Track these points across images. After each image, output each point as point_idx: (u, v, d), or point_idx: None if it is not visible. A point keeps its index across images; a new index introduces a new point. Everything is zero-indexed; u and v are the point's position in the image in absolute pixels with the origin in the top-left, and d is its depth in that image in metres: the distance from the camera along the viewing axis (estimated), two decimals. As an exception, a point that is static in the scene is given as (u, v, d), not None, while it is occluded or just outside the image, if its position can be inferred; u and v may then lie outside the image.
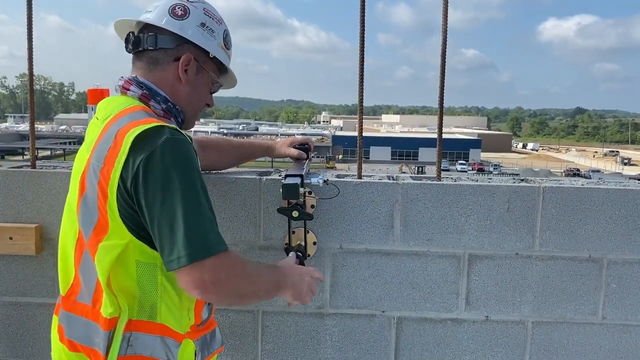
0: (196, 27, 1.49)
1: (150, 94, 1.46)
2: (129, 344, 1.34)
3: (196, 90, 1.54)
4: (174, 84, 1.49)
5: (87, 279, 1.38)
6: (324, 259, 2.06)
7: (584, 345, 2.10)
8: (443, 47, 2.06)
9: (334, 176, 2.13)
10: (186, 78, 1.49)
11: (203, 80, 1.55)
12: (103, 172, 1.30)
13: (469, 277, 2.06)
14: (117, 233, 1.31)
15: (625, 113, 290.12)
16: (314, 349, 2.12)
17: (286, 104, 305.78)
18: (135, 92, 1.45)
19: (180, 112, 1.52)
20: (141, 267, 1.34)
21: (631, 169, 63.39)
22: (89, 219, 1.34)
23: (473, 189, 2.02)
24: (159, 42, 1.46)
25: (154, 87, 1.47)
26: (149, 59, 1.48)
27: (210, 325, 1.55)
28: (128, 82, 1.47)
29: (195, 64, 1.50)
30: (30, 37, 2.09)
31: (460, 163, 59.33)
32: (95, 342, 1.35)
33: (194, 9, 1.50)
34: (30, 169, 2.13)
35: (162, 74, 1.48)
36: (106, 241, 1.31)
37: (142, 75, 1.48)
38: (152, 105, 1.45)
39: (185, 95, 1.51)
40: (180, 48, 1.48)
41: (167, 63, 1.48)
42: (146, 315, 1.36)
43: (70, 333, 1.41)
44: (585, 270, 2.05)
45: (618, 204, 2.01)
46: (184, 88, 1.50)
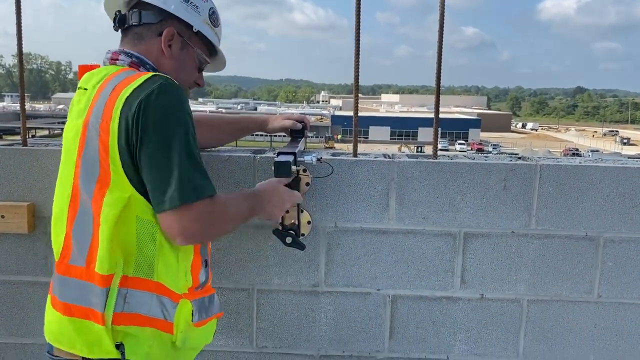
0: (180, 2, 1.49)
1: (139, 61, 1.47)
2: (125, 301, 1.35)
3: (182, 66, 1.54)
4: (158, 57, 1.49)
5: (80, 240, 1.38)
6: (319, 238, 2.05)
7: (579, 323, 2.10)
8: (440, 23, 2.01)
9: (330, 154, 2.11)
10: (170, 52, 1.49)
11: (189, 56, 1.55)
12: (102, 127, 1.31)
13: (464, 255, 2.05)
14: (120, 186, 1.32)
15: (626, 92, 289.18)
16: (309, 327, 2.12)
17: (285, 83, 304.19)
18: (124, 60, 1.46)
19: None
20: (141, 224, 1.35)
21: (630, 148, 63.39)
22: (91, 175, 1.35)
23: (469, 166, 2.00)
24: (143, 17, 1.47)
25: (141, 55, 1.48)
26: (133, 34, 1.50)
27: (208, 290, 1.56)
28: (116, 54, 1.48)
29: (179, 39, 1.50)
30: (19, 14, 2.04)
31: (459, 143, 59.24)
32: (92, 301, 1.35)
33: None
34: (21, 146, 2.11)
35: (146, 48, 1.49)
36: (109, 194, 1.32)
37: (128, 48, 1.49)
38: (141, 70, 1.45)
39: (170, 68, 1.50)
40: (164, 23, 1.48)
41: (151, 38, 1.49)
42: (143, 273, 1.37)
43: (64, 296, 1.41)
44: (582, 248, 2.04)
45: (615, 182, 1.99)
46: (168, 62, 1.50)
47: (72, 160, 1.41)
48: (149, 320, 1.37)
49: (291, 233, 1.77)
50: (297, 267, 2.08)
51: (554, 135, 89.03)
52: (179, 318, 1.41)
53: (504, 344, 2.11)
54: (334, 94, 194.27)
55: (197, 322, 1.47)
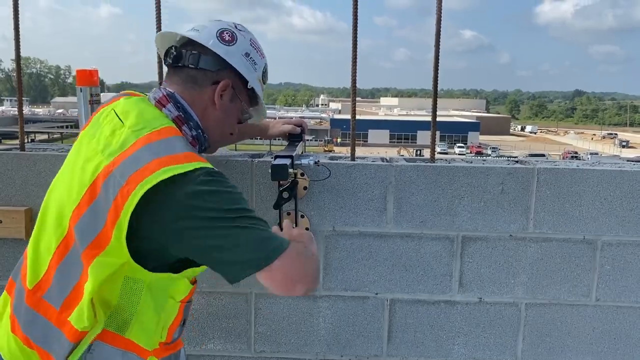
0: (241, 55, 1.48)
1: (185, 117, 1.43)
2: (89, 351, 1.29)
3: (226, 117, 1.53)
4: (207, 107, 1.47)
5: (62, 283, 1.31)
6: (317, 242, 2.04)
7: (577, 326, 2.10)
8: (437, 28, 2.02)
9: (328, 158, 2.12)
10: (220, 103, 1.48)
11: (235, 109, 1.54)
12: (123, 191, 1.21)
13: (462, 259, 2.05)
14: (117, 252, 1.24)
15: (624, 95, 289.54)
16: (308, 331, 2.12)
17: (284, 87, 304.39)
18: (172, 112, 1.42)
19: (205, 140, 1.49)
20: (127, 283, 1.30)
21: (629, 151, 63.42)
22: (90, 230, 1.25)
23: (467, 170, 2.00)
24: (202, 62, 1.45)
25: (189, 109, 1.44)
26: (187, 76, 1.46)
27: (177, 345, 1.50)
28: (165, 99, 1.43)
29: (231, 91, 1.49)
30: (17, 21, 2.05)
31: (458, 146, 59.27)
32: (53, 348, 1.29)
33: (241, 37, 1.50)
34: (19, 151, 2.11)
35: (197, 95, 1.46)
36: (103, 257, 1.24)
37: (178, 91, 1.45)
38: (184, 129, 1.42)
39: (214, 120, 1.50)
40: (221, 72, 1.47)
41: (206, 85, 1.46)
42: (114, 327, 1.32)
43: (27, 330, 1.34)
44: (579, 251, 2.04)
45: (613, 186, 1.99)
46: (216, 113, 1.49)
47: (78, 196, 1.29)
48: None
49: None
50: (295, 271, 2.07)
51: (553, 138, 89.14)
52: None
53: (502, 348, 2.11)
54: (334, 97, 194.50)
55: None
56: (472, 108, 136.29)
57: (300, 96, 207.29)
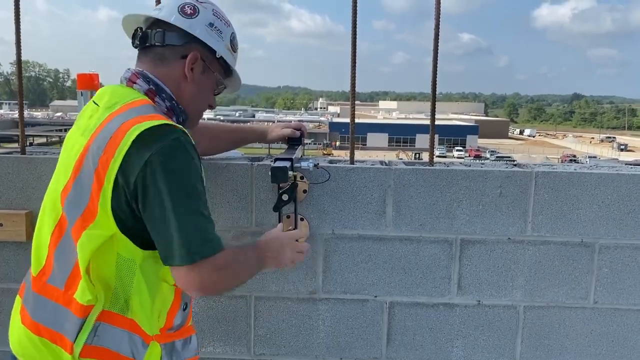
0: (204, 26, 1.48)
1: (157, 89, 1.45)
2: (96, 334, 1.32)
3: (201, 90, 1.53)
4: (179, 82, 1.48)
5: (62, 263, 1.36)
6: (317, 244, 2.05)
7: (575, 329, 2.11)
8: (436, 32, 2.03)
9: (327, 161, 2.13)
10: (192, 76, 1.48)
11: (208, 81, 1.54)
12: (102, 160, 1.28)
13: (461, 262, 2.06)
14: (104, 223, 1.29)
15: (622, 99, 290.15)
16: (307, 334, 2.13)
17: (283, 90, 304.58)
18: (142, 86, 1.44)
19: (182, 112, 1.50)
20: (121, 261, 1.33)
21: (628, 154, 63.52)
22: (77, 204, 1.32)
23: (465, 174, 2.01)
24: (167, 38, 1.45)
25: (160, 83, 1.46)
26: (155, 54, 1.47)
27: (184, 332, 1.51)
28: (135, 75, 1.45)
29: (201, 63, 1.49)
30: (18, 25, 2.06)
31: (457, 149, 59.32)
32: (64, 327, 1.33)
33: (203, 9, 1.50)
34: (19, 154, 2.12)
35: (168, 71, 1.47)
36: (91, 229, 1.30)
37: (148, 70, 1.47)
38: (157, 101, 1.44)
39: (189, 93, 1.50)
40: (188, 46, 1.47)
41: (174, 60, 1.47)
42: (118, 308, 1.35)
43: (36, 315, 1.39)
44: (577, 254, 2.05)
45: (610, 189, 2.01)
46: (189, 86, 1.49)
47: (65, 178, 1.38)
48: (117, 357, 1.34)
49: None
50: (295, 274, 2.08)
51: (552, 142, 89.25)
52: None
53: (501, 350, 2.12)
54: (332, 100, 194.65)
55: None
56: (470, 111, 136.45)
57: (299, 99, 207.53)
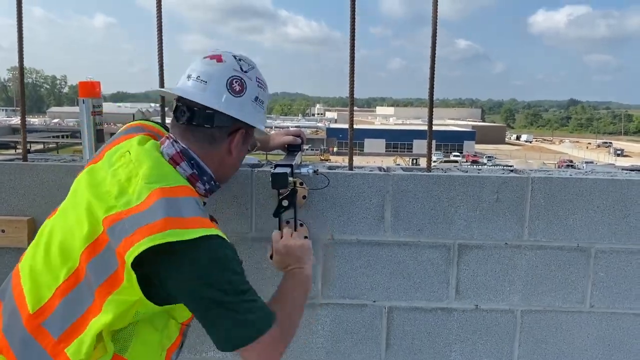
0: (251, 102, 1.46)
1: (199, 173, 1.43)
2: None
3: (240, 158, 1.54)
4: (223, 158, 1.48)
5: (66, 313, 1.28)
6: (316, 250, 2.07)
7: (572, 333, 2.13)
8: (433, 39, 2.06)
9: (326, 167, 2.15)
10: (236, 151, 1.49)
11: (245, 147, 1.54)
12: (127, 240, 1.22)
13: (458, 266, 2.08)
14: (129, 291, 1.25)
15: (619, 104, 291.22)
16: (307, 339, 2.14)
17: (280, 97, 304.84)
18: (186, 171, 1.42)
19: (217, 187, 1.51)
20: (137, 315, 1.31)
21: (624, 159, 63.73)
22: (104, 269, 1.26)
23: (462, 179, 2.04)
24: (216, 120, 1.41)
25: (204, 165, 1.44)
26: (205, 135, 1.43)
27: None
28: (179, 156, 1.41)
29: (243, 135, 1.49)
30: (21, 31, 2.08)
31: (454, 155, 59.47)
32: None
33: (249, 82, 1.46)
34: (21, 161, 2.13)
35: (213, 150, 1.45)
36: (117, 295, 1.25)
37: (193, 149, 1.43)
38: (197, 186, 1.44)
39: (230, 166, 1.52)
40: (236, 124, 1.45)
41: (223, 140, 1.45)
42: (116, 349, 1.31)
43: (20, 355, 1.30)
44: (574, 259, 2.08)
45: (605, 194, 2.03)
46: (231, 160, 1.50)
47: (87, 233, 1.30)
48: None
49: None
50: (294, 279, 2.10)
51: (549, 147, 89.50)
52: None
53: (499, 354, 2.14)
54: (329, 106, 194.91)
55: None
56: (467, 117, 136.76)
57: (296, 105, 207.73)
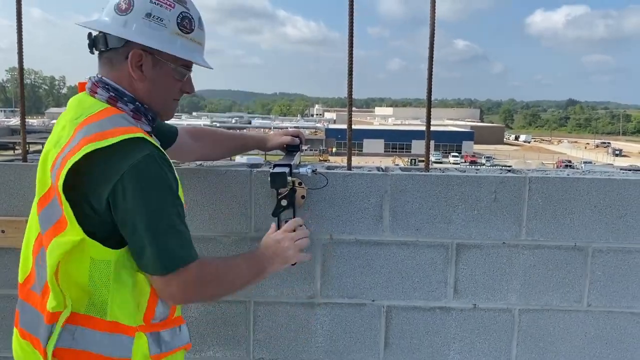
0: (141, 19, 1.38)
1: (117, 95, 1.41)
2: (73, 337, 1.34)
3: (157, 85, 1.46)
4: (131, 82, 1.43)
5: (40, 271, 1.40)
6: (315, 250, 2.08)
7: (569, 332, 2.14)
8: (431, 40, 2.08)
9: (325, 167, 2.16)
10: (141, 75, 1.42)
11: (163, 73, 1.45)
12: (57, 173, 1.30)
13: (457, 266, 2.09)
14: (72, 231, 1.31)
15: (617, 104, 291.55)
16: (306, 338, 2.15)
17: (279, 97, 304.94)
18: (102, 95, 1.41)
19: (148, 110, 1.47)
20: (95, 264, 1.34)
21: (622, 160, 63.80)
22: (50, 217, 1.35)
23: (460, 179, 2.05)
24: (109, 42, 1.40)
25: (119, 87, 1.42)
26: (105, 59, 1.44)
27: (170, 323, 1.50)
28: (95, 85, 1.43)
29: (149, 58, 1.41)
30: (20, 32, 2.09)
31: (453, 155, 59.50)
32: (39, 332, 1.37)
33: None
34: (21, 162, 2.14)
35: (119, 74, 1.43)
36: (60, 237, 1.31)
37: (104, 75, 1.44)
38: (119, 106, 1.41)
39: (145, 91, 1.44)
40: (129, 44, 1.40)
41: (121, 62, 1.42)
42: (95, 312, 1.36)
43: (22, 321, 1.45)
44: (571, 258, 2.09)
45: (602, 194, 2.05)
46: (141, 84, 1.43)
47: (41, 191, 1.40)
48: (99, 359, 1.36)
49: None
50: (294, 279, 2.11)
51: (547, 147, 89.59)
52: (137, 352, 1.39)
53: (497, 353, 2.15)
54: (328, 107, 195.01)
55: (155, 355, 1.42)
56: (466, 117, 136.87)
57: (295, 106, 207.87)
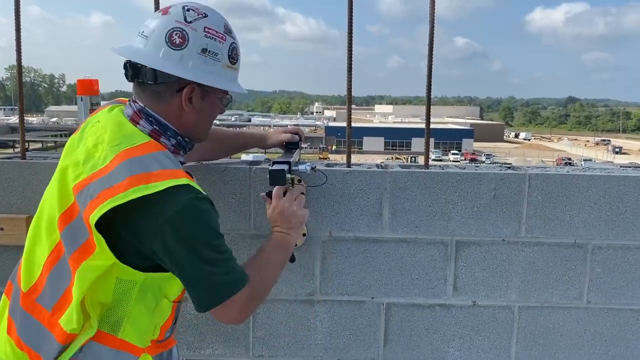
0: (197, 55, 1.35)
1: (160, 129, 1.40)
2: (81, 350, 1.32)
3: (203, 116, 1.46)
4: (180, 115, 1.41)
5: (54, 286, 1.34)
6: (314, 247, 2.08)
7: (569, 329, 2.14)
8: (430, 37, 2.07)
9: (324, 165, 2.16)
10: (191, 108, 1.41)
11: (210, 103, 1.46)
12: (91, 204, 1.24)
13: (456, 263, 2.09)
14: (103, 255, 1.27)
15: (617, 102, 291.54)
16: (305, 335, 2.15)
17: (279, 95, 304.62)
18: (145, 127, 1.39)
19: (189, 142, 1.48)
20: (120, 284, 1.33)
21: (622, 157, 63.78)
22: (75, 236, 1.30)
23: (460, 176, 2.05)
24: (159, 77, 1.35)
25: (163, 120, 1.40)
26: (152, 92, 1.39)
27: (168, 344, 1.53)
28: (137, 115, 1.40)
29: (199, 90, 1.40)
30: (18, 29, 2.09)
31: (452, 153, 59.44)
32: (43, 349, 1.33)
33: (192, 32, 1.35)
34: (20, 159, 2.14)
35: (167, 107, 1.40)
36: (90, 261, 1.27)
37: (149, 106, 1.40)
38: (162, 141, 1.39)
39: (192, 123, 1.44)
40: (182, 79, 1.36)
41: (171, 96, 1.39)
42: (107, 328, 1.35)
43: (21, 332, 1.38)
44: (571, 255, 2.09)
45: (602, 190, 2.04)
46: (190, 117, 1.42)
47: (65, 204, 1.34)
48: None
49: None
50: (293, 276, 2.11)
51: (547, 145, 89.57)
52: None
53: (497, 350, 2.15)
54: (328, 104, 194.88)
55: None
56: (466, 115, 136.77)
57: (295, 104, 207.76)
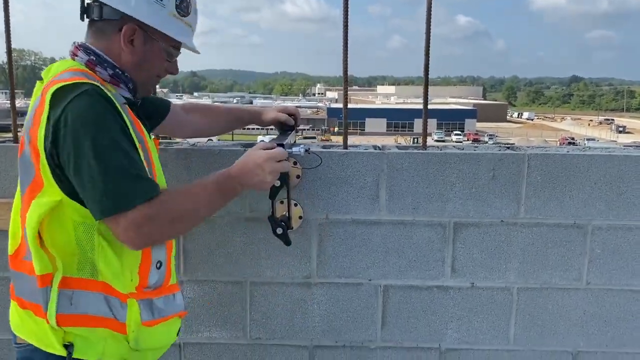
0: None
1: (97, 60, 1.42)
2: (71, 303, 1.35)
3: (145, 60, 1.47)
4: (119, 54, 1.44)
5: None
6: (311, 230, 2.06)
7: (568, 310, 2.12)
8: (427, 17, 2.02)
9: (321, 147, 2.13)
10: (131, 49, 1.43)
11: (153, 51, 1.47)
12: (31, 131, 1.32)
13: (454, 244, 2.07)
14: (50, 191, 1.31)
15: (621, 81, 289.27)
16: (302, 318, 2.14)
17: (280, 76, 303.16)
18: (82, 57, 1.42)
19: (129, 80, 1.46)
20: (78, 227, 1.34)
21: (626, 136, 63.47)
22: (26, 177, 1.36)
23: (458, 157, 2.02)
24: (104, 13, 1.41)
25: (102, 53, 1.43)
26: (96, 29, 1.45)
27: (164, 291, 1.50)
28: (77, 48, 1.44)
29: (141, 33, 1.43)
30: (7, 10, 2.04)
31: (455, 133, 59.23)
32: (38, 298, 1.37)
33: None
34: (13, 144, 2.11)
35: (108, 44, 1.44)
36: (39, 198, 1.32)
37: (91, 43, 1.45)
38: (97, 71, 1.41)
39: (132, 64, 1.45)
40: (125, 19, 1.41)
41: (113, 33, 1.43)
42: (87, 274, 1.36)
43: (18, 290, 1.44)
44: (570, 236, 2.06)
45: (602, 170, 2.01)
46: (129, 57, 1.44)
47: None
48: (100, 321, 1.37)
49: (283, 225, 1.81)
50: (290, 259, 2.10)
51: (550, 125, 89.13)
52: (130, 319, 1.39)
53: (495, 332, 2.14)
54: (330, 86, 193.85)
55: (147, 322, 1.42)
56: (469, 95, 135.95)
57: (296, 85, 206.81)
